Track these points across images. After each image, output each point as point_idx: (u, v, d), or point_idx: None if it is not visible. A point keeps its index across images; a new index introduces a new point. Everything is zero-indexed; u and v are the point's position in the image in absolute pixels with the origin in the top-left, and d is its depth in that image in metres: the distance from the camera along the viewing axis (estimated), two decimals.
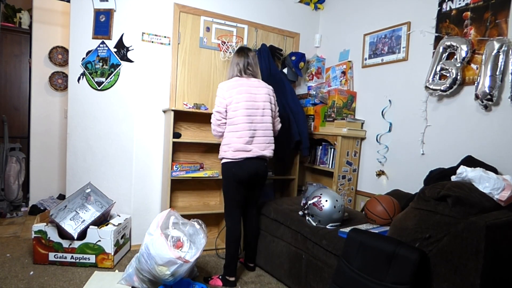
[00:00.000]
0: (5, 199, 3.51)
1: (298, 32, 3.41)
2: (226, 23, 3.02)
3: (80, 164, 2.80)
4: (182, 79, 2.89)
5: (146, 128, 2.78)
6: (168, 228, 2.04)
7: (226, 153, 2.17)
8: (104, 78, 2.74)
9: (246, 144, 2.14)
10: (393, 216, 1.95)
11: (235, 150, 2.13)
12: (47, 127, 3.85)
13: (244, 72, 2.22)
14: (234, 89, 2.15)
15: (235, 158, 2.14)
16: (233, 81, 2.19)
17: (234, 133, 2.15)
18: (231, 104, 2.14)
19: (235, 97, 2.13)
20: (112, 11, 2.71)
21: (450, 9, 2.24)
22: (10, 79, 3.83)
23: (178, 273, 1.91)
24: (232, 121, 2.15)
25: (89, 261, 2.36)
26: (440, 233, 1.43)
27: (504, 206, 1.52)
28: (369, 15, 2.91)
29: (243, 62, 2.22)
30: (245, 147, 2.14)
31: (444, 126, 2.27)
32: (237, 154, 2.13)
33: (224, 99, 2.15)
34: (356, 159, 2.90)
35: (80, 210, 2.46)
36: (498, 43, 1.91)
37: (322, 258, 1.94)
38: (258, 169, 2.19)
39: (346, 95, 2.93)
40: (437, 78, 2.23)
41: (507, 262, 1.45)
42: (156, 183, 2.85)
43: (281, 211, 2.40)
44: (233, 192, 2.22)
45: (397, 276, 1.42)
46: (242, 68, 2.21)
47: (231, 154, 2.14)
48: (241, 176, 2.16)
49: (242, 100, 2.13)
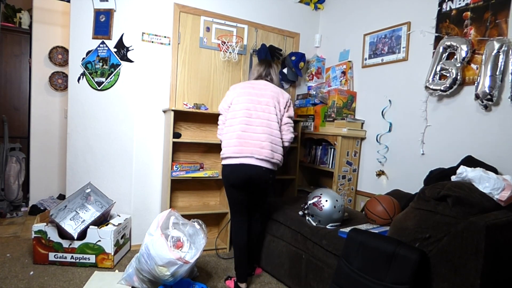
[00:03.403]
0: (5, 199, 3.51)
1: (298, 32, 3.41)
2: (226, 23, 3.02)
3: (80, 164, 2.80)
4: (182, 79, 2.89)
5: (146, 128, 2.78)
6: (168, 228, 2.04)
7: (222, 155, 2.09)
8: (104, 78, 2.74)
9: (239, 147, 1.98)
10: (393, 216, 1.95)
11: (227, 153, 2.03)
12: (47, 127, 3.85)
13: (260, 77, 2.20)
14: (238, 89, 2.12)
15: (228, 161, 2.04)
16: (242, 83, 2.17)
17: (229, 134, 2.05)
18: (234, 109, 2.07)
19: (236, 99, 2.08)
20: (112, 11, 2.71)
21: (450, 9, 2.24)
22: (10, 79, 3.83)
23: (178, 273, 1.91)
24: (229, 123, 2.07)
25: (89, 261, 2.36)
26: (440, 233, 1.43)
27: (504, 206, 1.52)
28: (369, 15, 2.91)
29: (264, 68, 2.22)
30: (239, 150, 1.98)
31: (444, 126, 2.27)
32: (229, 157, 2.03)
33: (227, 96, 2.16)
34: (356, 159, 2.90)
35: (80, 210, 2.46)
36: (498, 43, 1.91)
37: (322, 258, 1.94)
38: (252, 174, 1.99)
39: (346, 95, 2.93)
40: (437, 78, 2.23)
41: (507, 262, 1.45)
42: (156, 183, 2.85)
43: (281, 211, 2.40)
44: (229, 195, 2.17)
45: (397, 276, 1.42)
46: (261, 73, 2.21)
47: (224, 156, 2.06)
48: (234, 180, 2.04)
49: (241, 95, 2.07)
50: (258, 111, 2.02)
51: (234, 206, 2.19)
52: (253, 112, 2.02)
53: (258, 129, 2.00)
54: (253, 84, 2.15)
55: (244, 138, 1.99)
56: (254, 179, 2.02)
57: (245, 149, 1.98)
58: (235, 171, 2.01)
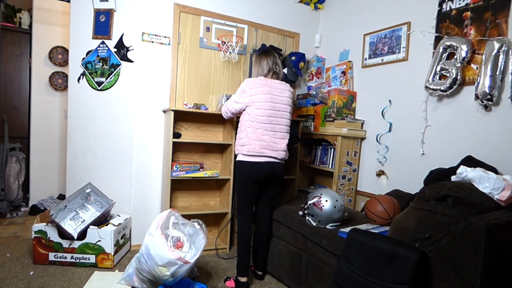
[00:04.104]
0: (5, 199, 3.51)
1: (298, 32, 3.41)
2: (226, 23, 3.02)
3: (80, 164, 2.80)
4: (182, 79, 2.89)
5: (146, 128, 2.78)
6: (168, 228, 2.04)
7: (242, 150, 2.17)
8: (104, 78, 2.74)
9: (265, 144, 2.14)
10: (393, 216, 1.95)
11: (252, 150, 2.13)
12: (47, 127, 3.85)
13: (272, 71, 2.26)
14: (258, 88, 2.17)
15: (251, 157, 2.14)
16: (258, 80, 2.20)
17: (253, 135, 2.14)
18: (253, 103, 2.15)
19: (258, 96, 2.15)
20: (112, 11, 2.71)
21: (450, 9, 2.24)
22: (10, 79, 3.83)
23: (178, 273, 1.91)
24: (251, 124, 2.15)
25: (89, 261, 2.36)
26: (440, 233, 1.43)
27: (504, 206, 1.52)
28: (369, 15, 2.91)
29: (272, 61, 2.28)
30: (265, 146, 2.14)
31: (444, 126, 2.27)
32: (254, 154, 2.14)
33: (244, 92, 2.18)
34: (356, 159, 2.90)
35: (80, 210, 2.46)
36: (498, 43, 1.91)
37: (322, 258, 1.94)
38: (274, 168, 2.19)
39: (346, 95, 2.93)
40: (437, 78, 2.23)
41: (507, 262, 1.45)
42: (156, 183, 2.85)
43: (281, 211, 2.40)
44: (246, 190, 2.21)
45: (397, 276, 1.42)
46: (271, 66, 2.26)
47: (247, 153, 2.15)
48: (257, 176, 2.16)
49: (264, 101, 2.15)
50: (278, 118, 2.21)
51: (248, 200, 2.24)
52: (273, 118, 2.19)
53: (278, 134, 2.21)
54: (271, 87, 2.20)
55: (267, 141, 2.16)
56: (276, 173, 2.22)
57: (270, 151, 2.16)
58: (259, 167, 2.16)
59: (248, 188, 2.21)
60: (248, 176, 2.18)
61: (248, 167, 2.17)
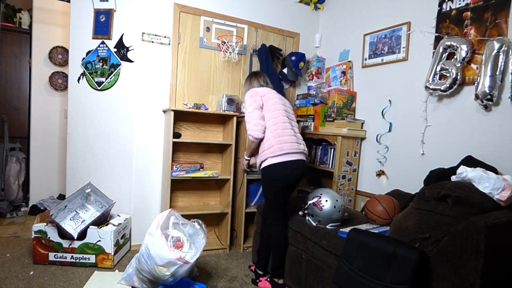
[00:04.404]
0: (5, 199, 3.51)
1: (298, 32, 3.41)
2: (226, 23, 3.02)
3: (80, 164, 2.80)
4: (182, 79, 2.89)
5: (146, 128, 2.78)
6: (168, 228, 2.04)
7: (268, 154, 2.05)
8: (104, 78, 2.74)
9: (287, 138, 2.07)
10: (393, 216, 1.95)
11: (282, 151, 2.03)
12: (47, 127, 3.85)
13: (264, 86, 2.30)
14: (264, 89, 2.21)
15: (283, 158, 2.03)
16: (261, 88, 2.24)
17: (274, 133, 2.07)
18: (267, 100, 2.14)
19: (269, 95, 2.17)
20: (112, 11, 2.71)
21: (450, 9, 2.24)
22: (10, 79, 3.83)
23: (178, 273, 1.91)
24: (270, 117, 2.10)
25: (89, 261, 2.36)
26: (440, 233, 1.43)
27: (504, 206, 1.52)
28: (369, 15, 2.91)
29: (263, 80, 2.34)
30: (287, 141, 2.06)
31: (444, 126, 2.27)
32: (285, 154, 2.03)
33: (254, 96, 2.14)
34: (356, 159, 2.90)
35: (80, 210, 2.46)
36: (498, 43, 1.91)
37: (322, 258, 1.94)
38: (304, 167, 2.12)
39: (346, 95, 2.93)
40: (437, 78, 2.23)
41: (507, 262, 1.45)
42: (156, 183, 2.85)
43: None
44: (278, 196, 2.11)
45: (397, 276, 1.42)
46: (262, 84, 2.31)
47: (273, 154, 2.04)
48: (290, 177, 2.07)
49: (275, 97, 2.17)
50: (290, 114, 2.24)
51: (281, 206, 2.15)
52: (288, 114, 2.20)
53: (296, 129, 2.21)
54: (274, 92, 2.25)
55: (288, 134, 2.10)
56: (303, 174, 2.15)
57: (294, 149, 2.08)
58: (290, 167, 2.05)
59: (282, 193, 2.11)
60: (281, 179, 2.06)
61: (278, 169, 2.05)
